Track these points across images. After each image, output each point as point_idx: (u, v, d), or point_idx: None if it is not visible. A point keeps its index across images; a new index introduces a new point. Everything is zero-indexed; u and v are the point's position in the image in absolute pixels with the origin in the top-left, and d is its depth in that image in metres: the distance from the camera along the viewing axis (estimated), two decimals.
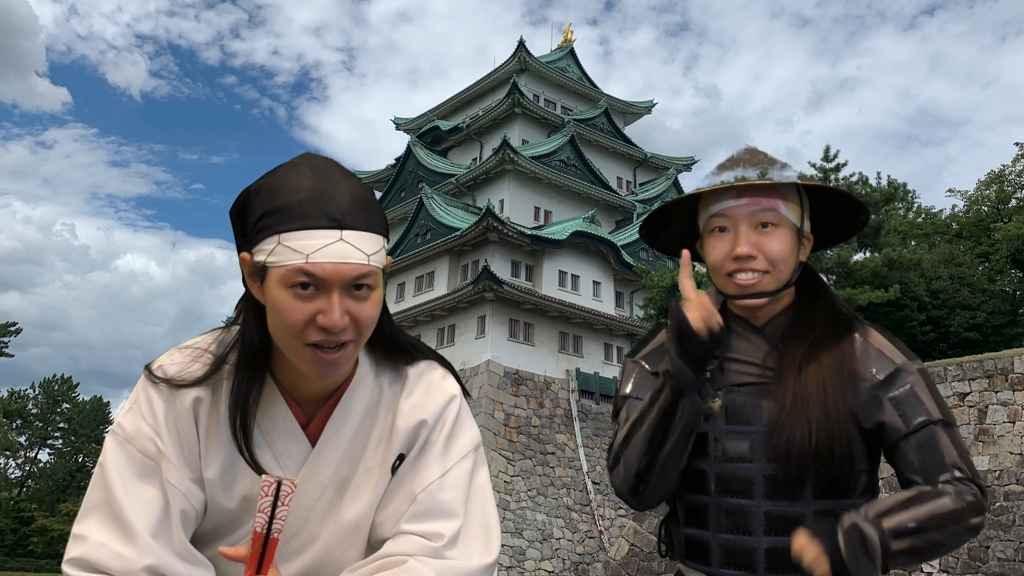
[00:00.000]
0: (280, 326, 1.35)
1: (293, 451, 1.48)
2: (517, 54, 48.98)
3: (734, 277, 1.73)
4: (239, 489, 1.45)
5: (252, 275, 1.38)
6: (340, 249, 1.31)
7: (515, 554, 31.78)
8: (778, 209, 1.73)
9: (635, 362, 1.92)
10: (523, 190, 43.04)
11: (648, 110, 55.13)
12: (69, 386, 72.21)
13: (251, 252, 1.37)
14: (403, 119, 57.09)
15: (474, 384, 35.23)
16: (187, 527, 1.40)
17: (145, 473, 1.38)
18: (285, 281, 1.32)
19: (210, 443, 1.45)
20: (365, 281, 1.35)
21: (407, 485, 1.51)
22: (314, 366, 1.36)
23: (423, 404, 1.55)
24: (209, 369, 1.45)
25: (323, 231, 1.32)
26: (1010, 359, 19.42)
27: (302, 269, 1.30)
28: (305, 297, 1.32)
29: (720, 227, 1.75)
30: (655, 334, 1.94)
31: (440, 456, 1.52)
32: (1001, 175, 40.76)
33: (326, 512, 1.51)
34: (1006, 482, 18.41)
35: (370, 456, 1.53)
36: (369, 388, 1.54)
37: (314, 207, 1.32)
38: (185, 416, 1.43)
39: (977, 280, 32.79)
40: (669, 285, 28.49)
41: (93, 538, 1.33)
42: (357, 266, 1.33)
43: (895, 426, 1.67)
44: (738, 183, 1.71)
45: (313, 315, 1.32)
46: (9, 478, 67.24)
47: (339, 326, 1.32)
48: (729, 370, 1.77)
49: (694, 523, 1.76)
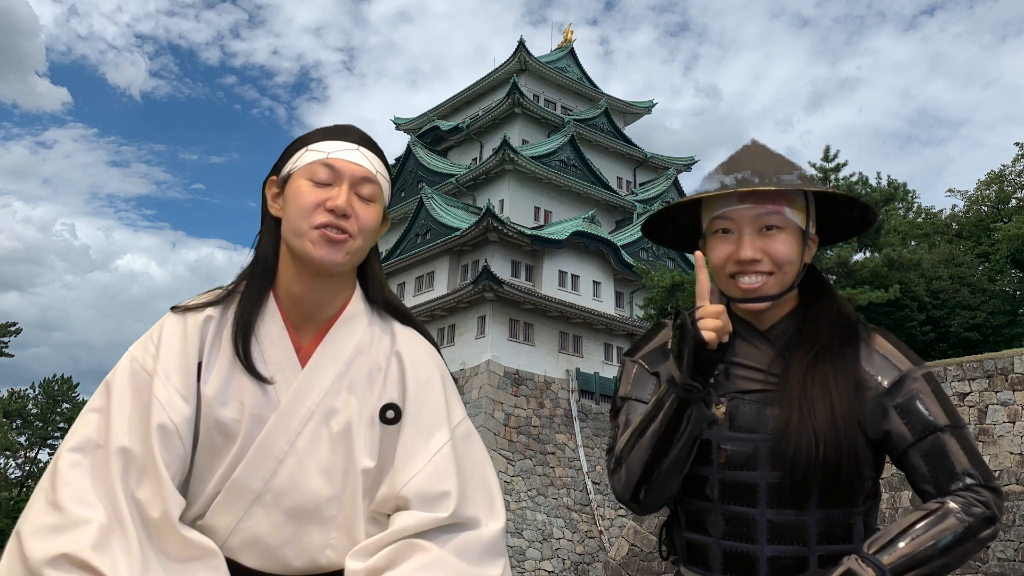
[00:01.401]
0: (295, 211, 1.56)
1: (285, 368, 1.59)
2: (517, 54, 48.94)
3: (737, 280, 1.71)
4: (239, 398, 1.57)
5: (276, 194, 1.63)
6: (355, 155, 1.60)
7: (515, 554, 31.75)
8: (783, 212, 1.70)
9: (634, 361, 1.89)
10: (523, 190, 43.00)
11: (648, 110, 55.08)
12: (69, 386, 72.14)
13: (277, 174, 1.63)
14: (403, 119, 57.04)
15: (474, 384, 35.21)
16: (166, 439, 1.49)
17: (139, 390, 1.53)
18: (306, 173, 1.58)
19: (212, 358, 1.58)
20: (370, 189, 1.60)
21: (417, 446, 1.56)
22: (319, 245, 1.54)
23: (414, 360, 1.66)
24: (223, 294, 1.65)
25: (344, 142, 1.62)
26: (1010, 359, 19.40)
27: (323, 161, 1.58)
28: (321, 185, 1.57)
29: (723, 229, 1.73)
30: (655, 332, 1.92)
31: (443, 420, 1.60)
32: (1001, 175, 40.72)
33: (313, 443, 1.56)
34: (1006, 482, 18.41)
35: (360, 394, 1.60)
36: (361, 329, 1.66)
37: (341, 129, 1.65)
38: (193, 333, 1.59)
39: (977, 280, 32.76)
40: (669, 285, 28.45)
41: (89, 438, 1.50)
42: (366, 169, 1.60)
43: (902, 435, 1.65)
44: (742, 189, 1.68)
45: (324, 200, 1.55)
46: (9, 478, 67.17)
47: (343, 209, 1.54)
48: (734, 376, 1.75)
49: (696, 528, 1.75)
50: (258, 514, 1.54)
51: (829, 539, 1.66)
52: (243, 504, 1.53)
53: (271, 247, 1.63)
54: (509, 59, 49.58)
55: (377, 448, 1.58)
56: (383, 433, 1.59)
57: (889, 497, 19.38)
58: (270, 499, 1.54)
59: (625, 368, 1.91)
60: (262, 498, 1.54)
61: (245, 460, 1.54)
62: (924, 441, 1.64)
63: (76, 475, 1.43)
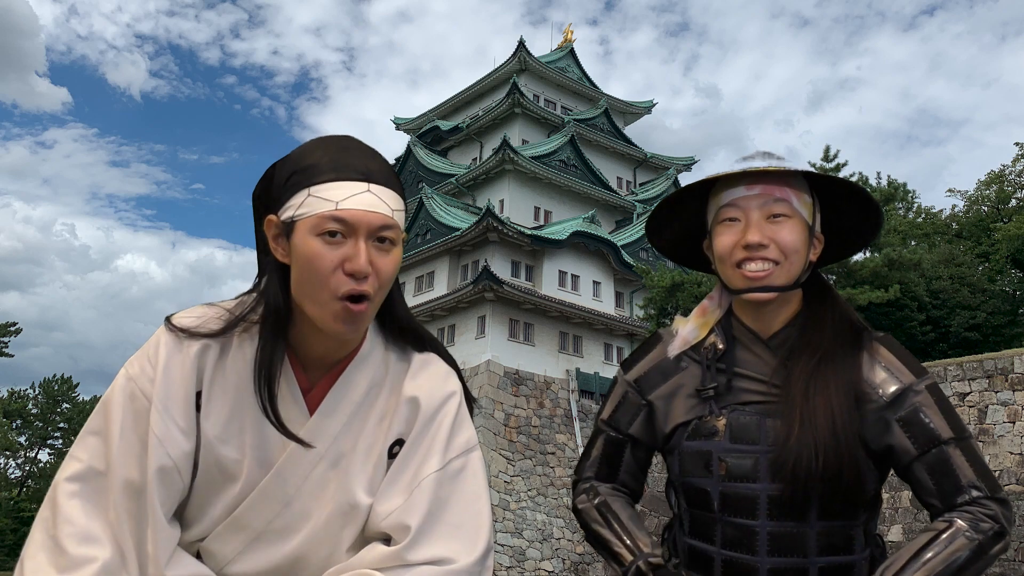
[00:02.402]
0: (309, 275, 1.41)
1: (292, 414, 1.49)
2: (517, 54, 48.92)
3: (743, 268, 1.68)
4: (241, 438, 1.48)
5: (278, 236, 1.45)
6: (368, 199, 1.41)
7: (515, 554, 31.76)
8: (790, 201, 1.69)
9: (625, 382, 1.89)
10: (523, 190, 42.99)
11: (648, 110, 55.08)
12: (69, 386, 72.13)
13: (277, 213, 1.45)
14: (403, 119, 57.03)
15: (474, 384, 35.18)
16: (164, 477, 1.41)
17: (139, 415, 1.44)
18: (315, 229, 1.39)
19: (213, 394, 1.48)
20: (388, 234, 1.42)
21: (404, 478, 1.49)
22: (339, 320, 1.41)
23: (426, 393, 1.55)
24: (225, 326, 1.50)
25: (352, 183, 1.41)
26: (1010, 359, 19.41)
27: (333, 215, 1.38)
28: (334, 244, 1.39)
29: (731, 218, 1.71)
30: (652, 345, 1.90)
31: (438, 452, 1.50)
32: (1001, 175, 40.70)
33: (319, 486, 1.50)
34: (1006, 482, 18.40)
35: (370, 434, 1.52)
36: (375, 365, 1.56)
37: (343, 162, 1.43)
38: (190, 363, 1.47)
39: (977, 280, 32.75)
40: (669, 285, 28.47)
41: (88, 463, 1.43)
42: (383, 216, 1.41)
43: (905, 448, 1.64)
44: (750, 169, 1.67)
45: (341, 262, 1.39)
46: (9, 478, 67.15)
47: (365, 271, 1.38)
48: (735, 387, 1.73)
49: (698, 536, 1.75)
50: (258, 548, 1.51)
51: (830, 551, 1.65)
52: (243, 539, 1.50)
53: (281, 296, 1.47)
54: (509, 59, 49.56)
55: (379, 484, 1.52)
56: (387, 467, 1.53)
57: (889, 497, 19.37)
58: (272, 537, 1.50)
59: (615, 387, 1.91)
60: (264, 536, 1.50)
61: (248, 501, 1.48)
62: (928, 455, 1.62)
63: (76, 508, 1.39)
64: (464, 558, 1.42)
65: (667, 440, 1.80)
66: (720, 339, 1.79)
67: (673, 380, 1.81)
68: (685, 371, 1.80)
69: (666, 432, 1.80)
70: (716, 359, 1.76)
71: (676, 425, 1.77)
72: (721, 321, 1.81)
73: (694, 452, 1.73)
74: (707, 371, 1.76)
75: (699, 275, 28.27)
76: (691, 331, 1.83)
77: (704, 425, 1.72)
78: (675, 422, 1.77)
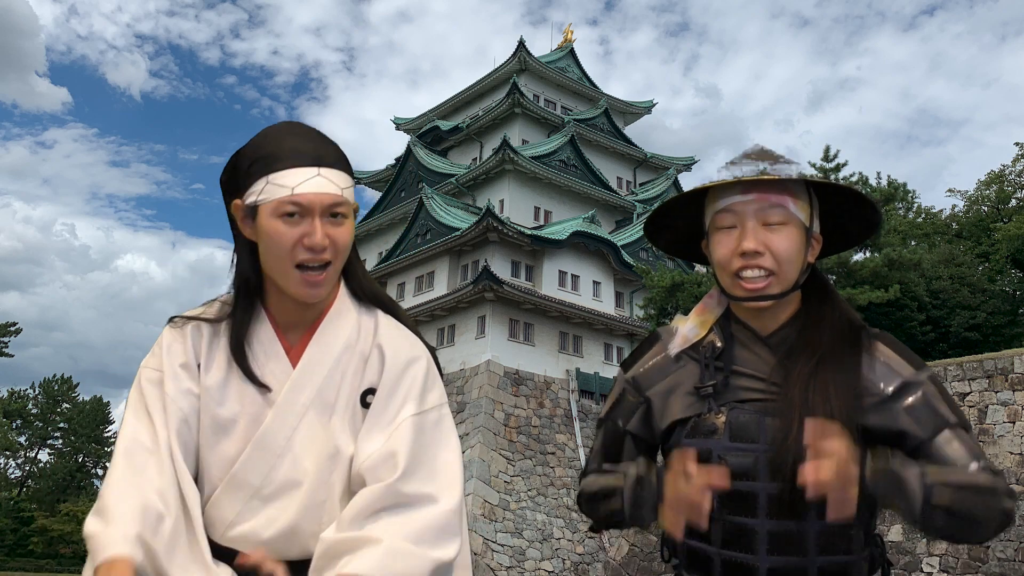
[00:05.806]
0: (272, 250, 1.61)
1: (276, 371, 1.69)
2: (517, 54, 48.93)
3: (740, 277, 1.69)
4: (235, 399, 1.68)
5: (244, 217, 1.65)
6: (319, 182, 1.61)
7: (515, 554, 31.75)
8: (787, 206, 1.69)
9: (625, 380, 1.90)
10: (523, 190, 42.99)
11: (648, 110, 55.08)
12: (69, 386, 72.18)
13: (242, 198, 1.65)
14: (403, 119, 57.04)
15: (474, 384, 35.21)
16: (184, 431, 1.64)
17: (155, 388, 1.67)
18: (276, 211, 1.60)
19: (209, 361, 1.70)
20: (340, 209, 1.63)
21: (382, 421, 1.65)
22: (302, 286, 1.62)
23: (394, 347, 1.73)
24: (218, 311, 1.75)
25: (304, 168, 1.61)
26: (1010, 359, 19.43)
27: (290, 200, 1.59)
28: (292, 223, 1.59)
29: (727, 224, 1.72)
30: (651, 344, 1.91)
31: (414, 399, 1.67)
32: (1001, 175, 40.74)
33: (309, 438, 1.65)
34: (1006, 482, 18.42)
35: (348, 385, 1.69)
36: (348, 324, 1.74)
37: (295, 150, 1.63)
38: (190, 337, 1.71)
39: (977, 280, 32.76)
40: (669, 285, 28.47)
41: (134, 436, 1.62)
42: (333, 195, 1.62)
43: (914, 433, 1.64)
44: (746, 178, 1.67)
45: (300, 237, 1.59)
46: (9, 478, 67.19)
47: (321, 244, 1.59)
48: (734, 385, 1.73)
49: (697, 536, 1.74)
50: (256, 507, 1.63)
51: (829, 550, 1.64)
52: (242, 498, 1.63)
53: (251, 268, 1.70)
54: (509, 59, 49.57)
55: (358, 432, 1.66)
56: (363, 417, 1.67)
57: None
58: (268, 493, 1.63)
59: (616, 384, 1.93)
60: (260, 492, 1.63)
61: (244, 456, 1.64)
62: (938, 437, 1.63)
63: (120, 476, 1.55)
64: (448, 501, 1.58)
65: (665, 437, 1.81)
66: (719, 337, 1.79)
67: (671, 377, 1.82)
68: (683, 369, 1.81)
69: (663, 428, 1.80)
70: (714, 357, 1.77)
71: (674, 422, 1.78)
72: (720, 319, 1.82)
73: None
74: (705, 369, 1.76)
75: (699, 275, 28.30)
76: (691, 329, 1.84)
77: (703, 423, 1.73)
78: (672, 419, 1.78)
